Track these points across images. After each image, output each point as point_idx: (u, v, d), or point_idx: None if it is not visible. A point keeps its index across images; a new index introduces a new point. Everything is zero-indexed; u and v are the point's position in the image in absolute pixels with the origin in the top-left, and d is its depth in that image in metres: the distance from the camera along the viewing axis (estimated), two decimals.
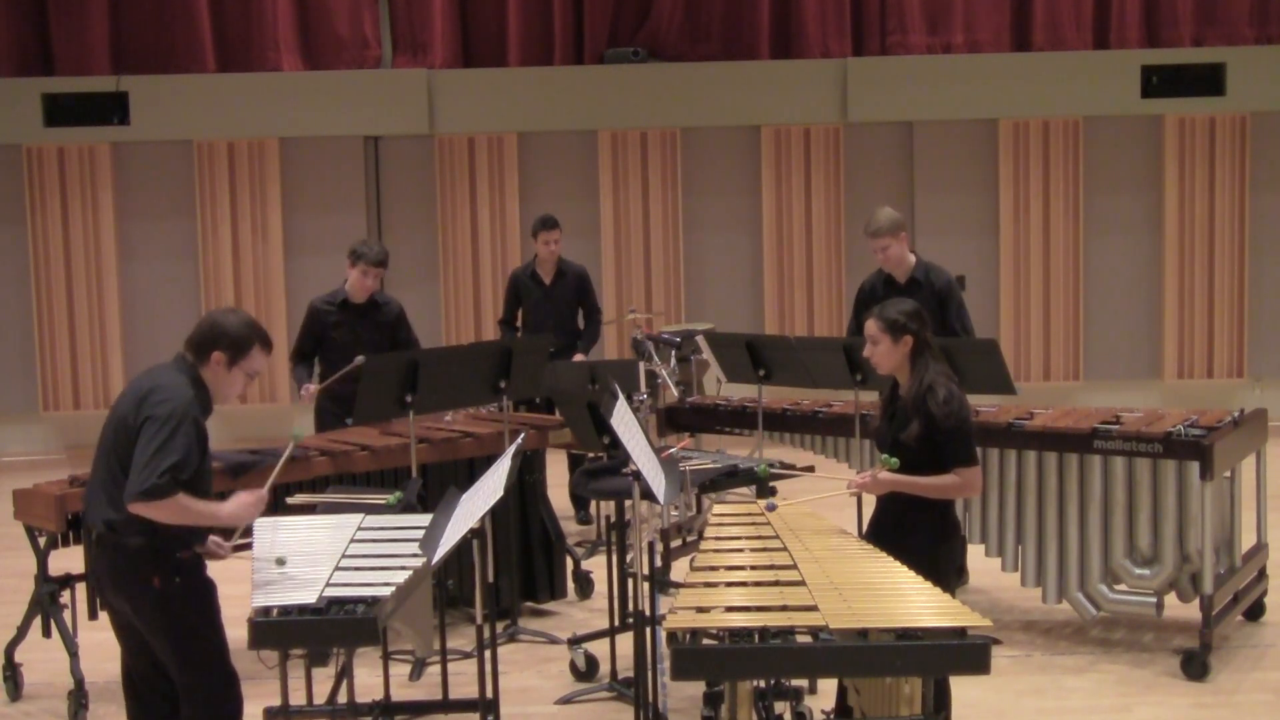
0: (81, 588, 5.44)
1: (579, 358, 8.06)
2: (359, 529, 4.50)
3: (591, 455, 6.49)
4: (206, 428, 4.11)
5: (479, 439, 6.40)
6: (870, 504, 4.73)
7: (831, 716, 4.51)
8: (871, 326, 4.53)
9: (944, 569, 4.38)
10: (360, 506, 4.81)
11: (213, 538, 4.25)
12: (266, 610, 3.79)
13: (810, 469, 5.49)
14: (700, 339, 8.84)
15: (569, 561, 6.80)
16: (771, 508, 4.56)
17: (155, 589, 4.03)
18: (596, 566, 6.94)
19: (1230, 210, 10.67)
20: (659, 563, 5.23)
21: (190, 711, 4.16)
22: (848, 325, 7.00)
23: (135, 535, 4.01)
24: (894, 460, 4.33)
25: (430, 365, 5.97)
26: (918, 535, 4.36)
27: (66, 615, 5.45)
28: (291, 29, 10.76)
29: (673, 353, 8.50)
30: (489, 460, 5.74)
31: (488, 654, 4.65)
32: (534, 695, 5.55)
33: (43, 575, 5.45)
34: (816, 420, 6.66)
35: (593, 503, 7.99)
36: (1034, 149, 10.69)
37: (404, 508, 4.86)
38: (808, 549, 4.12)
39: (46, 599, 5.43)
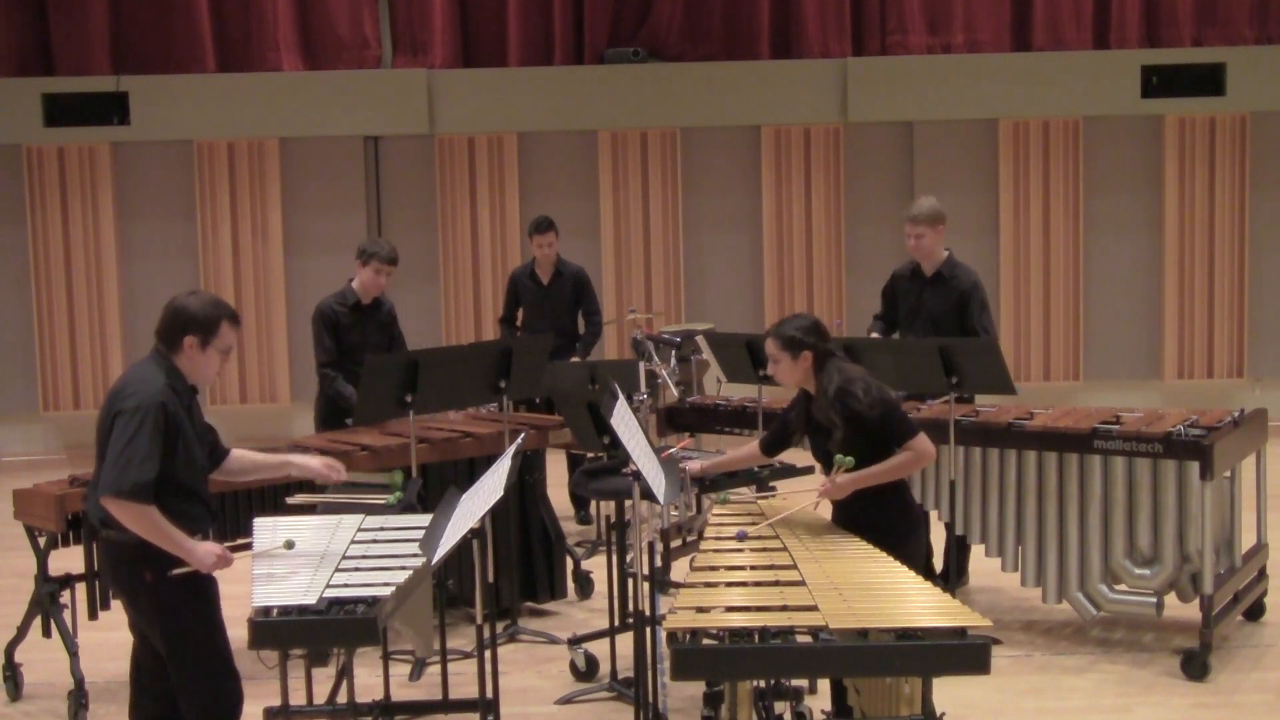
0: (81, 588, 5.44)
1: (574, 360, 8.05)
2: (359, 529, 4.50)
3: (591, 455, 6.48)
4: (182, 415, 4.08)
5: (479, 439, 6.40)
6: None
7: (832, 717, 4.51)
8: (770, 346, 4.63)
9: (915, 560, 4.40)
10: (360, 506, 4.81)
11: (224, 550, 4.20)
12: (266, 610, 3.79)
13: (810, 469, 5.48)
14: (700, 339, 8.85)
15: (569, 561, 6.80)
16: (742, 536, 4.44)
17: (148, 583, 4.04)
18: (596, 566, 6.94)
19: (1230, 210, 10.67)
20: (659, 563, 5.23)
21: (185, 707, 4.17)
22: (874, 319, 6.97)
23: (128, 531, 4.02)
24: (849, 459, 4.36)
25: (430, 365, 5.97)
26: (884, 533, 4.36)
27: (66, 615, 5.45)
28: (291, 29, 10.76)
29: (673, 353, 8.49)
30: (489, 460, 5.74)
31: (488, 654, 4.65)
32: (534, 695, 5.55)
33: (43, 575, 5.45)
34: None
35: (593, 503, 7.99)
36: (1034, 149, 10.69)
37: (404, 508, 4.86)
38: (808, 549, 4.12)
39: (46, 599, 5.43)
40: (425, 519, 4.46)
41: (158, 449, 3.98)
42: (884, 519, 4.46)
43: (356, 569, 4.10)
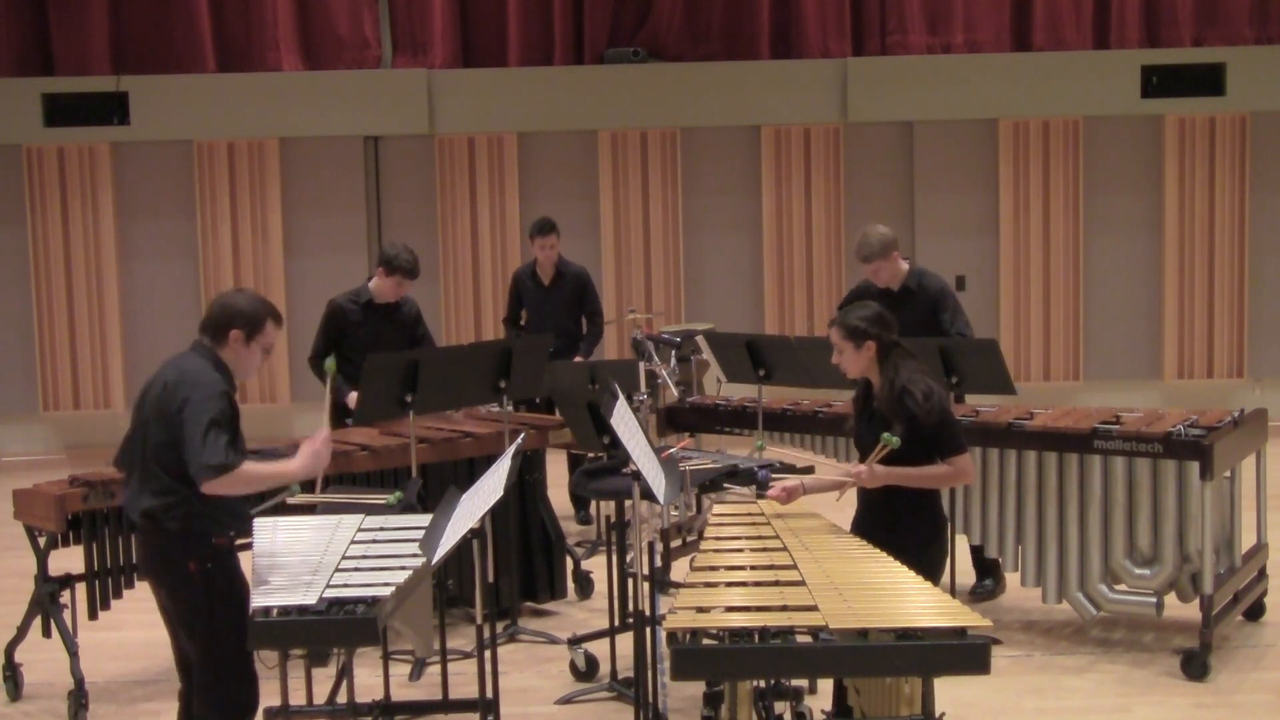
0: (81, 588, 5.44)
1: (578, 360, 8.06)
2: (359, 529, 4.50)
3: (591, 455, 6.48)
4: (235, 404, 4.23)
5: (479, 439, 6.40)
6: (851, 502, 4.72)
7: (832, 717, 4.51)
8: (834, 335, 4.58)
9: (936, 566, 4.41)
10: (360, 506, 4.81)
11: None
12: (266, 610, 3.79)
13: (810, 469, 5.48)
14: (700, 339, 8.85)
15: (569, 561, 6.80)
16: (765, 479, 4.62)
17: (191, 573, 4.13)
18: (596, 566, 6.94)
19: (1230, 210, 10.67)
20: (659, 563, 5.23)
21: (201, 702, 4.19)
22: None
23: (172, 521, 4.12)
24: (895, 439, 4.33)
25: (430, 365, 5.98)
26: (910, 535, 4.37)
27: (66, 615, 5.46)
28: (291, 29, 10.76)
29: (673, 353, 8.49)
30: (489, 460, 5.75)
31: (488, 654, 4.65)
32: (534, 695, 5.55)
33: (43, 575, 5.46)
34: (816, 420, 6.65)
35: (593, 503, 7.99)
36: (1034, 149, 10.69)
37: (404, 508, 4.86)
38: (808, 549, 4.12)
39: (46, 599, 5.44)
40: (425, 519, 4.47)
41: (230, 431, 4.12)
42: (907, 524, 4.44)
43: (356, 569, 4.10)
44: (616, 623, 5.58)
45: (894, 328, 4.56)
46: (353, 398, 6.52)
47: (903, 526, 4.41)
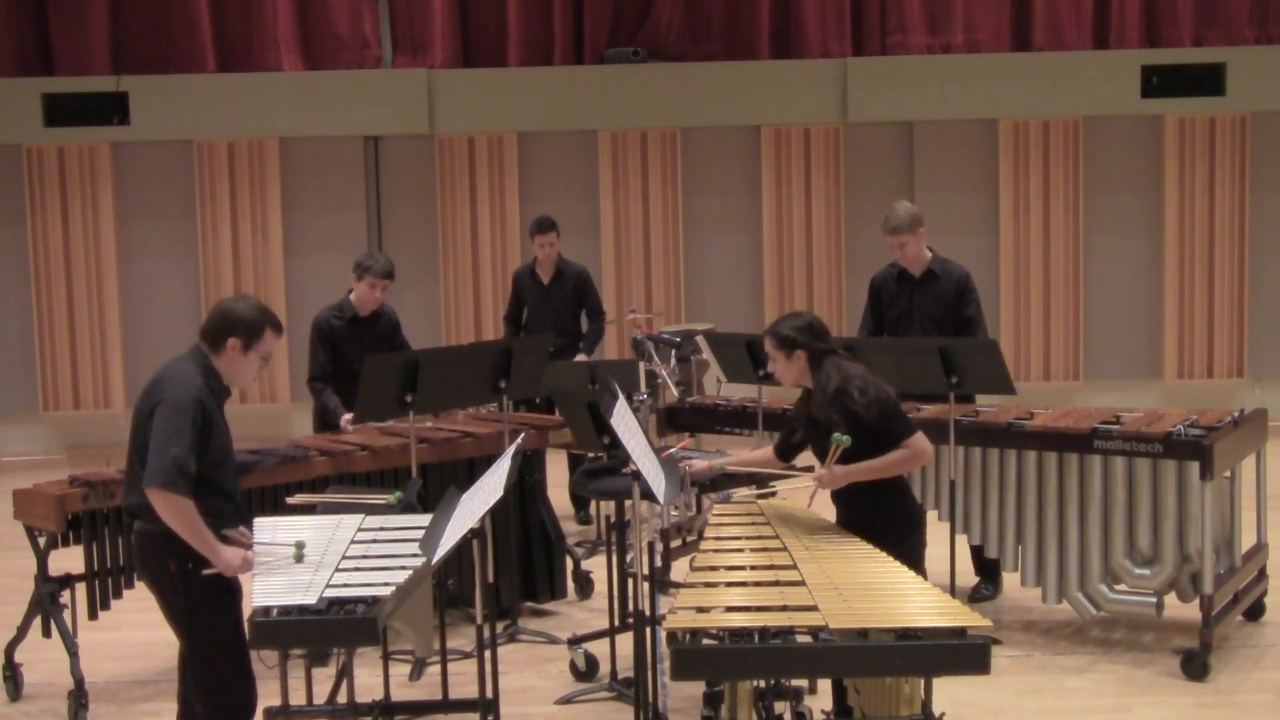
0: (81, 588, 5.44)
1: (580, 358, 8.06)
2: (359, 529, 4.50)
3: (591, 455, 6.49)
4: (216, 413, 4.20)
5: (479, 439, 6.40)
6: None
7: (832, 716, 4.51)
8: (766, 344, 4.69)
9: (915, 559, 4.43)
10: (360, 506, 4.81)
11: (241, 530, 4.29)
12: (266, 610, 3.80)
13: (810, 469, 5.48)
14: (700, 339, 8.86)
15: (569, 561, 6.80)
16: (726, 498, 4.68)
17: (171, 572, 4.12)
18: (596, 566, 6.94)
19: (1230, 210, 10.67)
20: (659, 563, 5.23)
21: (196, 700, 4.20)
22: (862, 321, 6.93)
23: (157, 520, 4.10)
24: (846, 438, 4.36)
25: (430, 365, 5.97)
26: (885, 531, 4.39)
27: (66, 615, 5.46)
28: (291, 29, 10.76)
29: (673, 353, 8.49)
30: (489, 460, 5.75)
31: (488, 654, 4.65)
32: (534, 695, 5.55)
33: (43, 575, 5.46)
34: None
35: (593, 503, 7.99)
36: (1034, 149, 10.69)
37: (404, 508, 4.86)
38: (808, 549, 4.12)
39: (46, 599, 5.44)
40: (425, 519, 4.47)
41: (196, 444, 4.07)
42: (882, 519, 4.47)
43: (356, 569, 4.11)
44: (616, 623, 5.58)
45: (827, 337, 4.62)
46: (347, 420, 6.48)
47: (877, 523, 4.44)
